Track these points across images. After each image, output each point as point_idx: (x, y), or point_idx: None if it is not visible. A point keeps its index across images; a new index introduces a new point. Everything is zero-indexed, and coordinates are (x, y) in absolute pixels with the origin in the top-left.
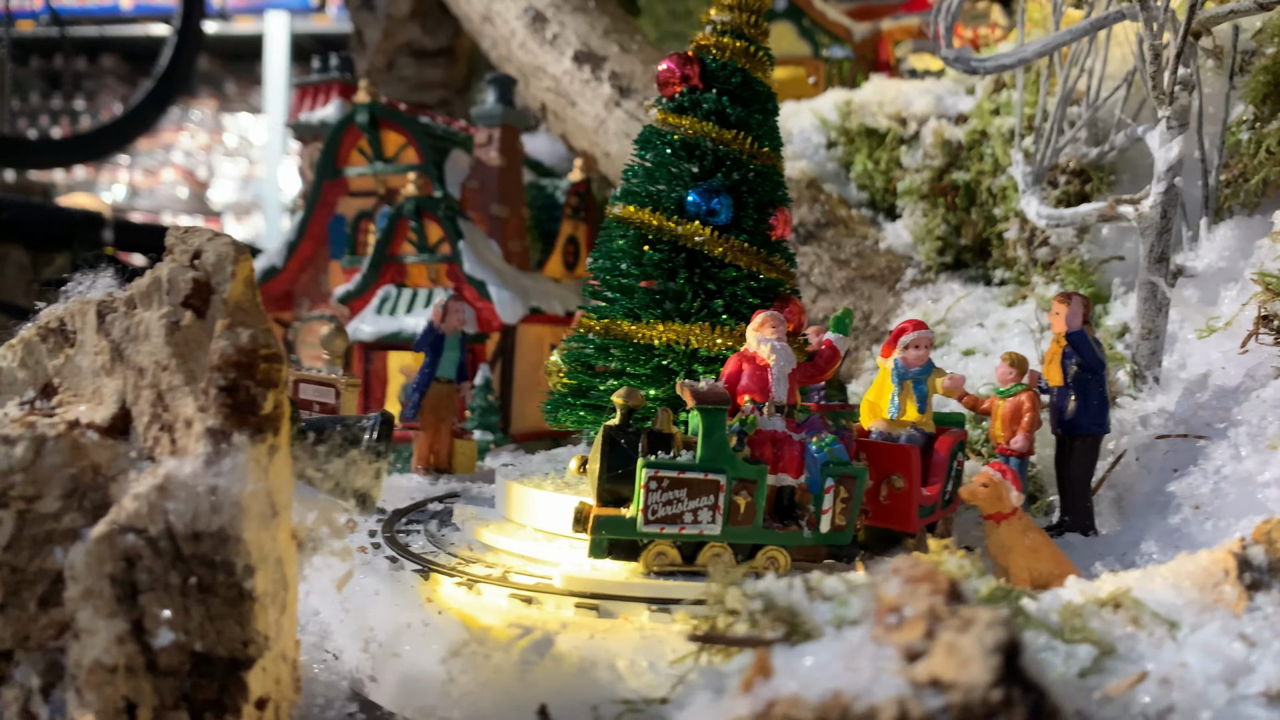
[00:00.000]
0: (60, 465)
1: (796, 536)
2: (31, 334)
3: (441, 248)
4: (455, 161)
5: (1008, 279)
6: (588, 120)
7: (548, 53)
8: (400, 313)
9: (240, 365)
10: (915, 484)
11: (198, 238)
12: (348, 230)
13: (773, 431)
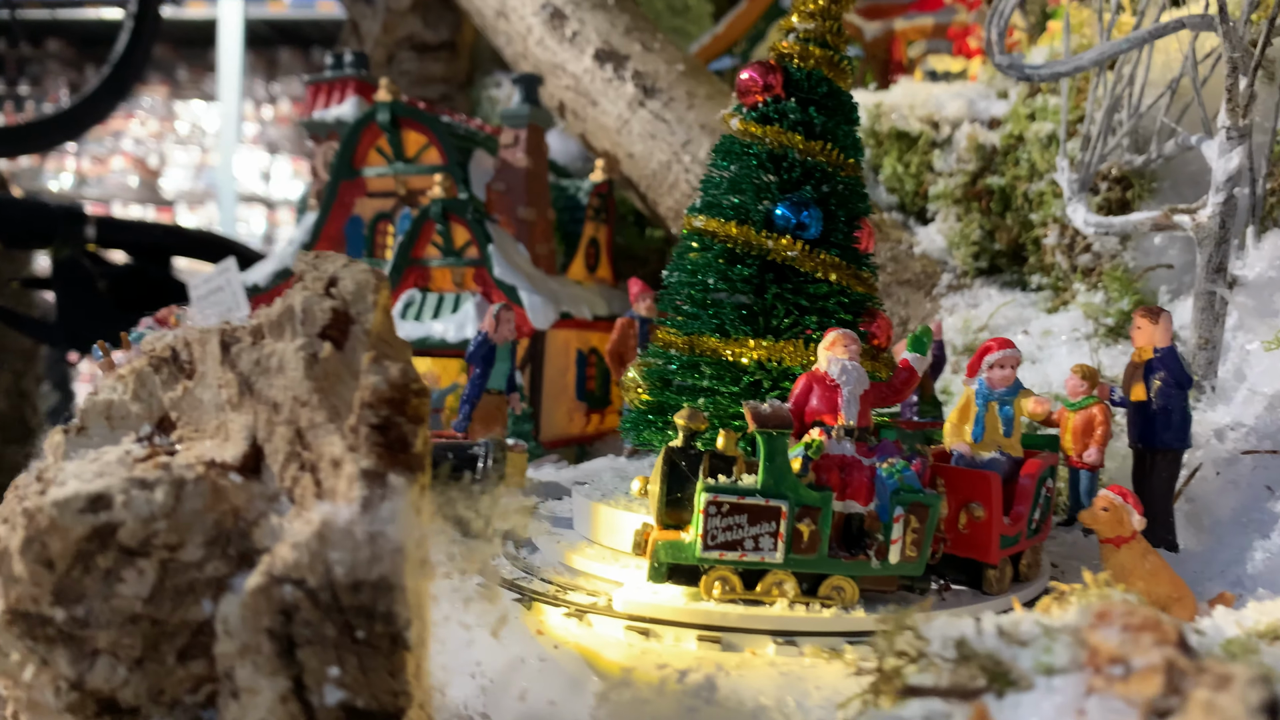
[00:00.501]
0: (201, 510)
1: (864, 566)
2: (142, 364)
3: (468, 251)
4: (479, 162)
5: (1045, 285)
6: (610, 120)
7: (567, 50)
8: (426, 318)
9: (393, 401)
10: (996, 513)
11: (331, 264)
12: (365, 232)
13: (841, 456)
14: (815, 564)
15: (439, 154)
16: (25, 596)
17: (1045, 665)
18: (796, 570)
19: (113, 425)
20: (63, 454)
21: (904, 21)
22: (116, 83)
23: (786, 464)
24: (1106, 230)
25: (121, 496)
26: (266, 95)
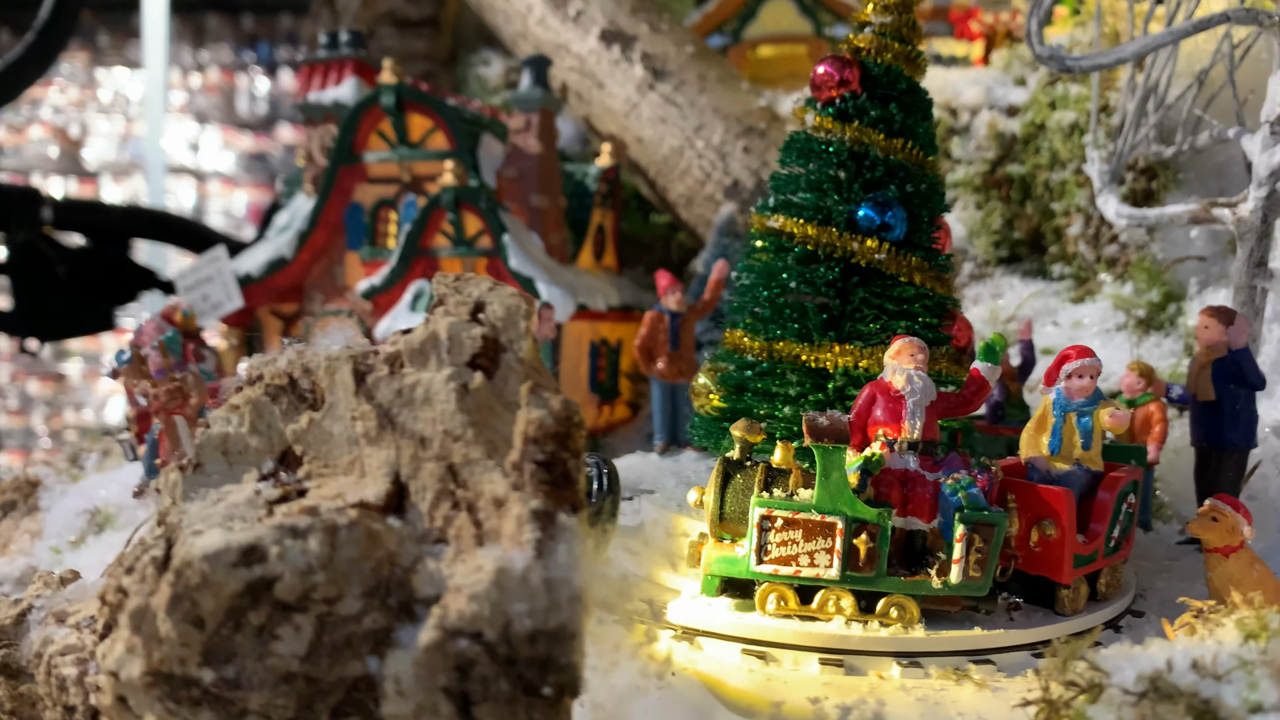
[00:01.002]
0: (357, 558)
1: (924, 585)
2: (257, 394)
3: (480, 241)
4: (487, 148)
5: (1067, 274)
6: (617, 104)
7: (571, 30)
8: None
9: (557, 436)
10: (1068, 531)
11: (475, 287)
12: (366, 220)
13: (903, 470)
14: (873, 582)
15: (446, 139)
16: (171, 658)
17: (1253, 703)
18: (854, 588)
19: (230, 461)
20: (181, 494)
21: None
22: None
23: (843, 478)
24: (1140, 222)
25: (275, 548)
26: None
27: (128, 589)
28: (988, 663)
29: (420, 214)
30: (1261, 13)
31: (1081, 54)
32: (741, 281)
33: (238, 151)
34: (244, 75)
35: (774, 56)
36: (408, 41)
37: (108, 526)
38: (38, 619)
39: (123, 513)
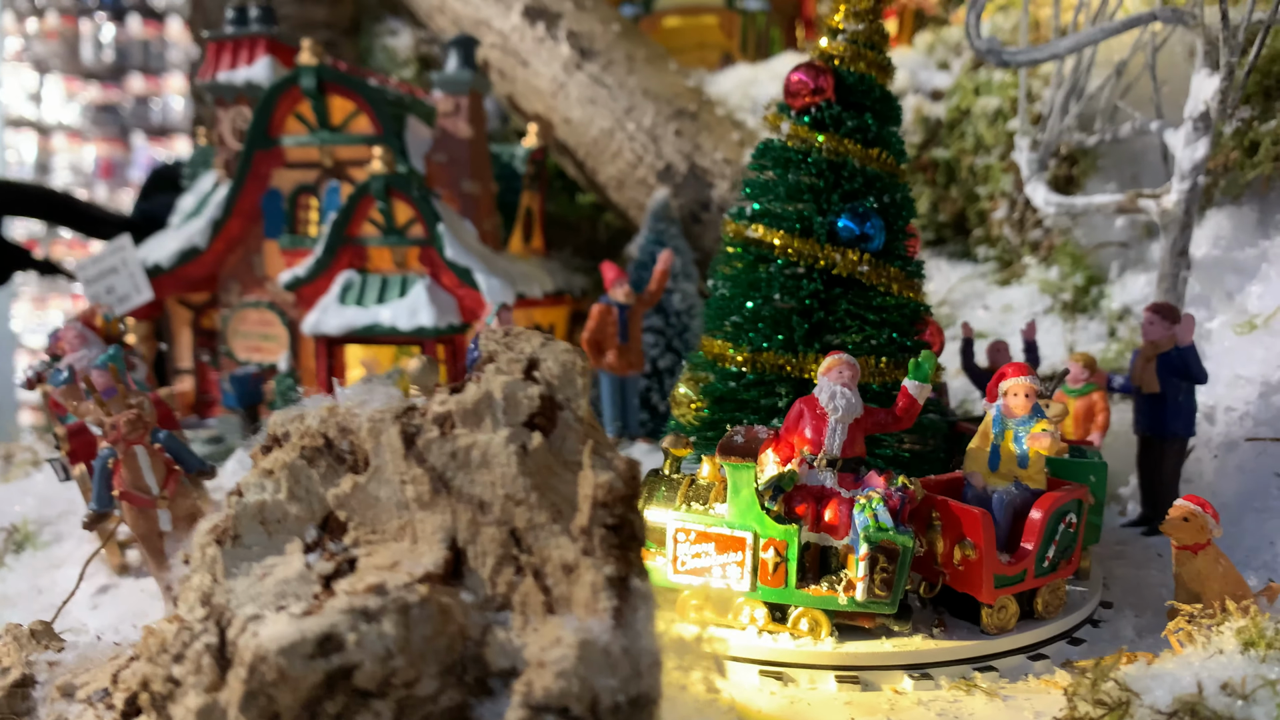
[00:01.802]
0: (432, 636)
1: (831, 601)
2: (292, 457)
3: (412, 229)
4: (414, 131)
5: (991, 256)
6: (543, 83)
7: (492, 6)
8: (370, 302)
9: (626, 499)
10: (987, 552)
11: (527, 344)
12: (285, 206)
13: (819, 487)
14: (783, 595)
15: (370, 123)
16: None
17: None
18: (766, 600)
19: (270, 531)
20: (223, 571)
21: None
22: None
23: (752, 495)
24: (1068, 210)
25: (352, 635)
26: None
27: (181, 679)
28: (990, 669)
29: (347, 202)
30: (1186, 13)
31: (1016, 48)
32: (720, 291)
33: (84, 103)
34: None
35: (683, 26)
36: (307, 9)
37: (28, 545)
38: (42, 695)
39: (43, 529)
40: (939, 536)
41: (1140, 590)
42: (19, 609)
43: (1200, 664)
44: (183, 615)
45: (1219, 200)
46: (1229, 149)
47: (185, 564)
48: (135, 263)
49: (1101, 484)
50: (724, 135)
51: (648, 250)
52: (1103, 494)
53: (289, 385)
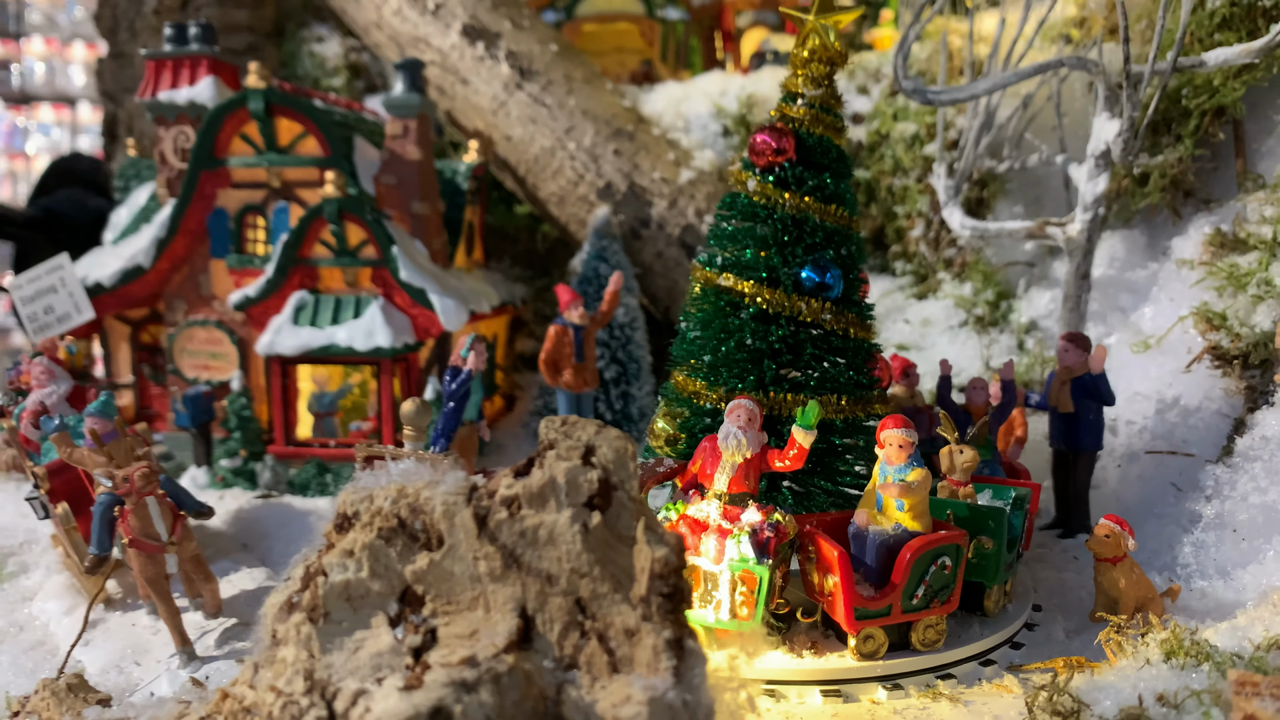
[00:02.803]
0: (519, 700)
1: (704, 618)
2: (370, 538)
3: (364, 251)
4: (361, 152)
5: (909, 270)
6: (484, 101)
7: (431, 24)
8: (324, 323)
9: (678, 570)
10: (845, 587)
11: (583, 432)
12: (231, 225)
13: (695, 520)
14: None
15: (318, 144)
16: None
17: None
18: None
19: (355, 607)
20: (319, 648)
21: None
22: None
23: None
24: (982, 234)
25: (458, 706)
26: None
27: None
28: (950, 676)
29: (299, 224)
30: (1090, 61)
31: (939, 89)
32: (693, 333)
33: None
34: None
35: (603, 32)
36: (228, 12)
37: None
38: None
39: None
40: (813, 568)
41: (1064, 593)
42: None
43: (1135, 675)
44: (280, 688)
45: (1113, 224)
46: (1121, 177)
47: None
48: (75, 282)
49: (1000, 529)
50: (660, 155)
51: (591, 265)
52: (1001, 537)
53: (242, 405)
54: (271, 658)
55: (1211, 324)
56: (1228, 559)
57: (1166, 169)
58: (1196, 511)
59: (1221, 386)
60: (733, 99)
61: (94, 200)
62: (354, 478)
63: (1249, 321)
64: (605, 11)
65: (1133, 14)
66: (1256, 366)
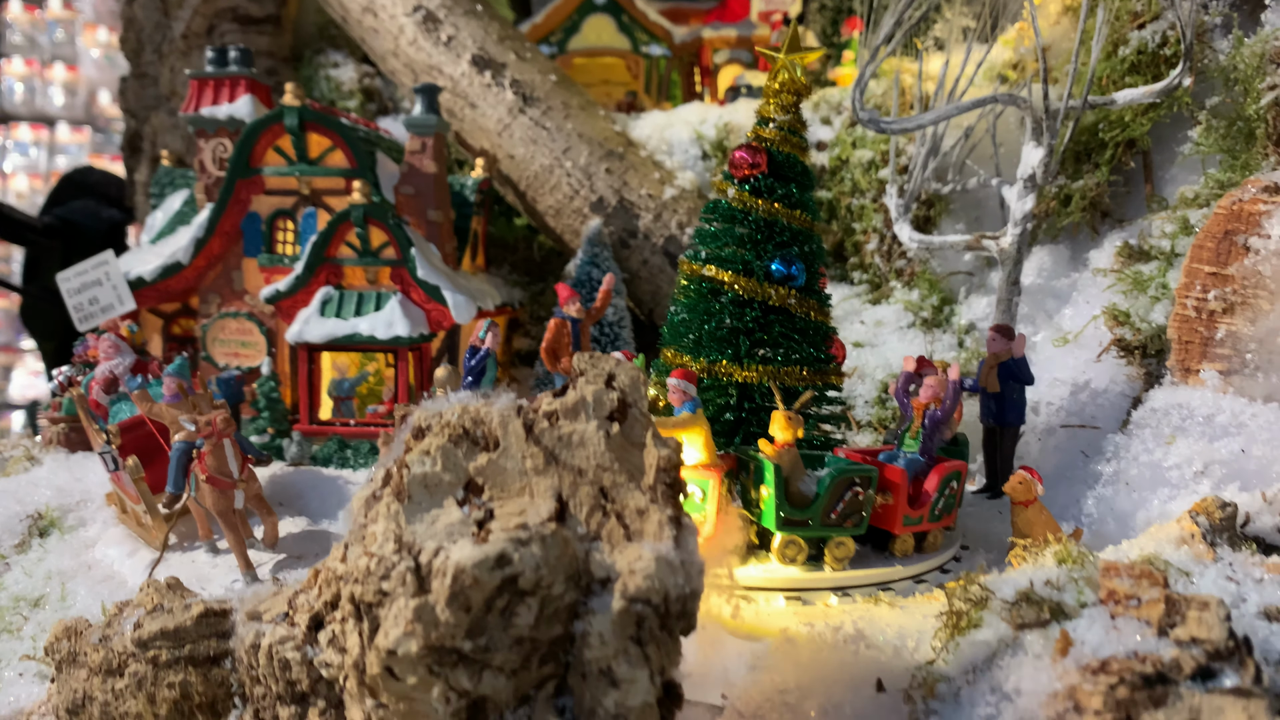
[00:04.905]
0: (560, 555)
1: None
2: (442, 441)
3: (385, 252)
4: (383, 166)
5: (865, 280)
6: (490, 123)
7: (443, 54)
8: (349, 314)
9: (676, 466)
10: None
11: (606, 364)
12: (263, 228)
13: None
14: None
15: (345, 157)
16: (444, 635)
17: (1082, 601)
18: None
19: (430, 492)
20: (404, 521)
21: (710, 30)
22: None
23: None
24: (928, 246)
25: (516, 554)
26: None
27: (390, 590)
28: (890, 589)
29: (327, 226)
30: (1019, 98)
31: (890, 119)
32: (680, 315)
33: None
34: None
35: (591, 65)
36: (250, 38)
37: (54, 530)
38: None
39: (66, 516)
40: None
41: (988, 538)
42: (80, 580)
43: (1032, 572)
44: (373, 551)
45: (1042, 240)
46: (1049, 199)
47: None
48: (118, 275)
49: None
50: (647, 174)
51: (584, 270)
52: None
53: (271, 388)
54: (361, 535)
55: (1118, 320)
56: (1122, 508)
57: (1086, 192)
58: (1099, 472)
59: (1125, 373)
60: (711, 126)
61: (107, 211)
62: (379, 451)
63: (1148, 318)
64: (594, 47)
65: (1060, 59)
66: (1153, 355)
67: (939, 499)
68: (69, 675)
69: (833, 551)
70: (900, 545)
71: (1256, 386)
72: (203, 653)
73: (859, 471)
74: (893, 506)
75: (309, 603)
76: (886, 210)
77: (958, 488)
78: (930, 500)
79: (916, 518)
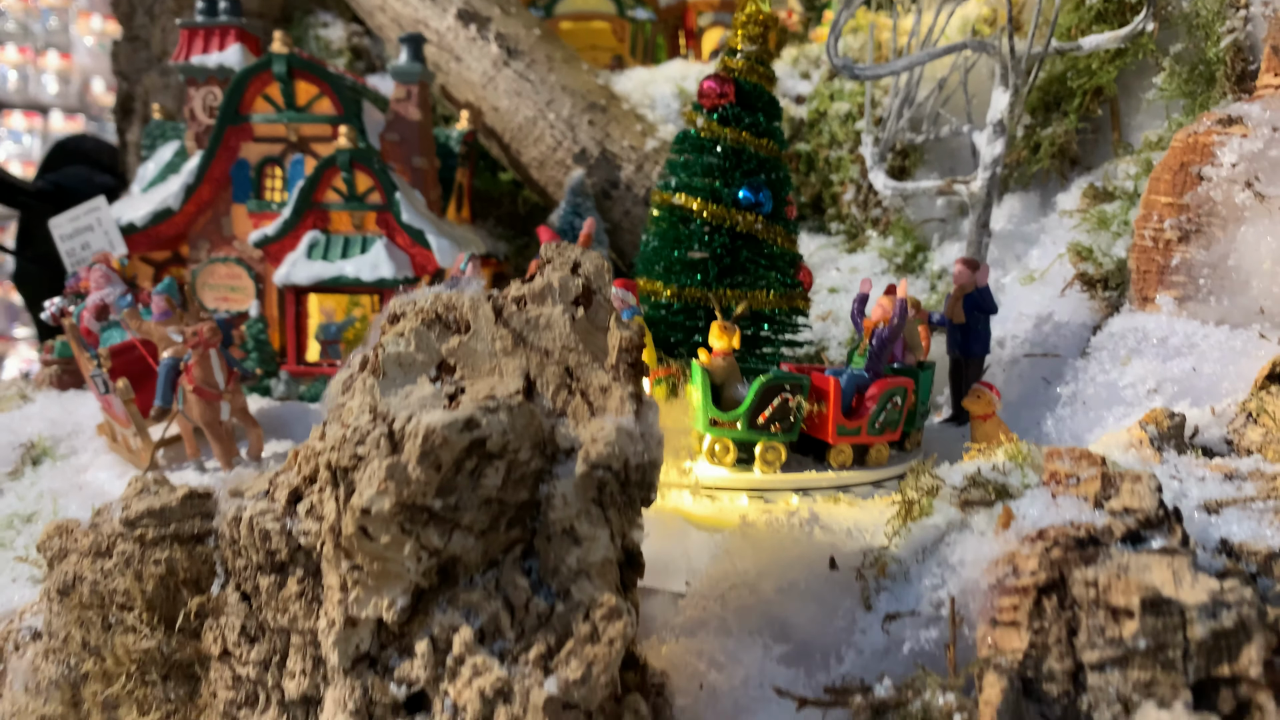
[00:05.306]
0: (526, 425)
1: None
2: (417, 324)
3: (370, 197)
4: (369, 114)
5: (842, 230)
6: (475, 76)
7: (429, 8)
8: (335, 257)
9: (638, 347)
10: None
11: (572, 253)
12: (251, 175)
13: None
14: None
15: (332, 105)
16: (415, 493)
17: (1026, 484)
18: None
19: (404, 370)
20: (379, 395)
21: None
22: None
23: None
24: (901, 193)
25: (484, 419)
26: None
27: (364, 455)
28: (848, 491)
29: (314, 172)
30: (989, 44)
31: (864, 65)
32: (651, 244)
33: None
34: None
35: (578, 30)
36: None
37: (46, 458)
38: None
39: (59, 444)
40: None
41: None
42: (71, 498)
43: (981, 463)
44: (349, 422)
45: (1013, 187)
46: (1020, 149)
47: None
48: (110, 221)
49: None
50: (629, 126)
51: (566, 220)
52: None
53: (259, 330)
54: (338, 414)
55: (1081, 256)
56: (1080, 426)
57: (1055, 139)
58: (1058, 394)
59: (1087, 305)
60: (693, 81)
61: (100, 177)
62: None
63: (1110, 253)
64: (581, 11)
65: (1029, 8)
66: (1114, 288)
67: (879, 412)
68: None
69: (764, 455)
70: (836, 455)
71: (1209, 310)
72: (187, 531)
73: (788, 379)
74: (825, 416)
75: (288, 481)
76: (863, 161)
77: (902, 404)
78: (869, 413)
79: (853, 428)
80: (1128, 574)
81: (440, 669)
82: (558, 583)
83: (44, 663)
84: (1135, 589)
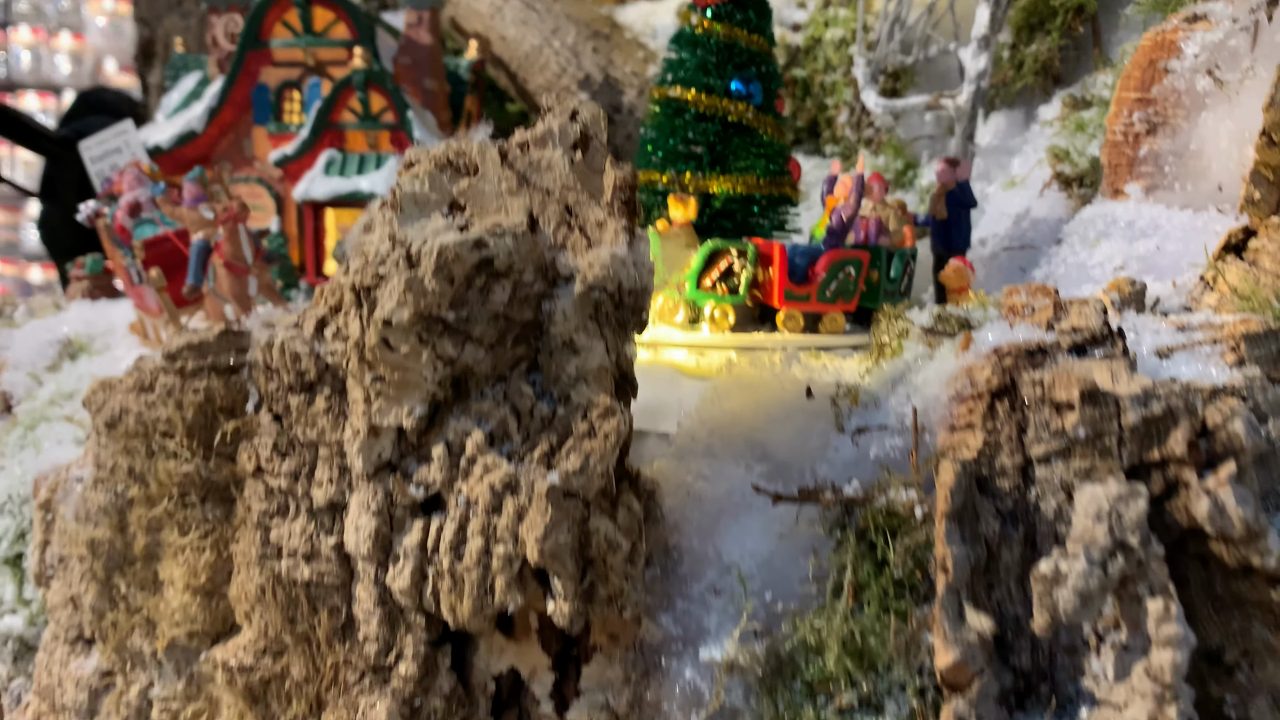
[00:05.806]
0: (528, 251)
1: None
2: (430, 167)
3: (384, 116)
4: (382, 40)
5: (836, 152)
6: (483, 6)
7: None
8: (351, 174)
9: (631, 186)
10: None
11: (570, 102)
12: (271, 99)
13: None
14: None
15: (348, 29)
16: (431, 304)
17: (987, 316)
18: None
19: (419, 207)
20: (398, 225)
21: None
22: None
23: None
24: (891, 110)
25: (492, 240)
26: None
27: (384, 274)
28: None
29: (331, 93)
30: None
31: None
32: (649, 135)
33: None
34: None
35: None
36: None
37: (82, 354)
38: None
39: (93, 341)
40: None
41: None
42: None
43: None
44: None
45: (998, 105)
46: (1005, 68)
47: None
48: (137, 143)
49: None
50: (631, 54)
51: None
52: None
53: (280, 243)
54: (359, 248)
55: (1058, 158)
56: None
57: (1039, 56)
58: (1033, 277)
59: (1064, 204)
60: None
61: None
62: None
63: (1085, 153)
64: None
65: None
66: (1089, 185)
67: (830, 280)
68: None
69: (711, 316)
70: (786, 321)
71: (1174, 196)
72: (224, 362)
73: (734, 244)
74: (772, 281)
75: (315, 313)
76: (856, 84)
77: (856, 275)
78: (819, 281)
79: (801, 294)
80: (1071, 373)
81: (454, 470)
82: (559, 389)
83: (92, 492)
84: (1076, 382)
